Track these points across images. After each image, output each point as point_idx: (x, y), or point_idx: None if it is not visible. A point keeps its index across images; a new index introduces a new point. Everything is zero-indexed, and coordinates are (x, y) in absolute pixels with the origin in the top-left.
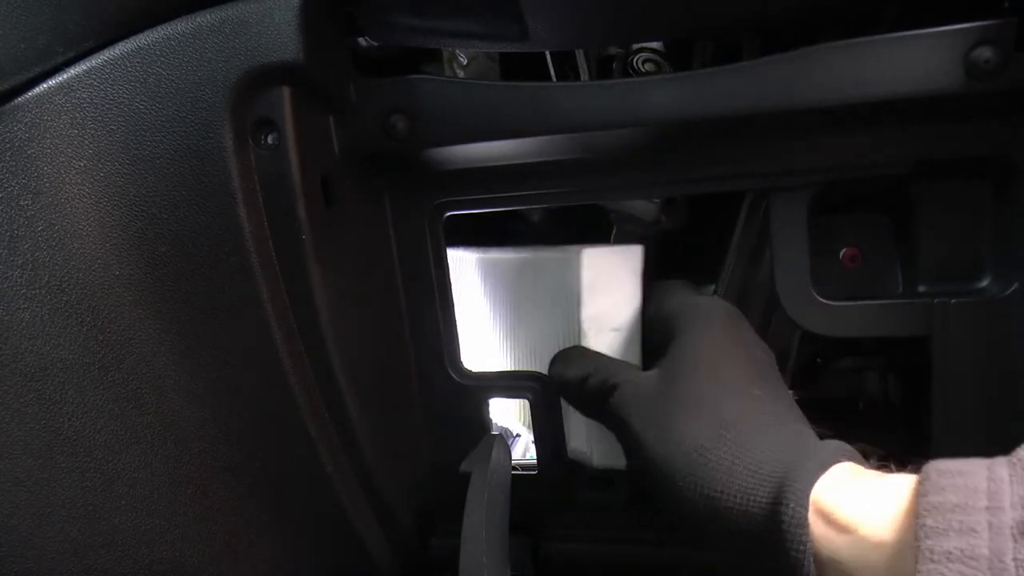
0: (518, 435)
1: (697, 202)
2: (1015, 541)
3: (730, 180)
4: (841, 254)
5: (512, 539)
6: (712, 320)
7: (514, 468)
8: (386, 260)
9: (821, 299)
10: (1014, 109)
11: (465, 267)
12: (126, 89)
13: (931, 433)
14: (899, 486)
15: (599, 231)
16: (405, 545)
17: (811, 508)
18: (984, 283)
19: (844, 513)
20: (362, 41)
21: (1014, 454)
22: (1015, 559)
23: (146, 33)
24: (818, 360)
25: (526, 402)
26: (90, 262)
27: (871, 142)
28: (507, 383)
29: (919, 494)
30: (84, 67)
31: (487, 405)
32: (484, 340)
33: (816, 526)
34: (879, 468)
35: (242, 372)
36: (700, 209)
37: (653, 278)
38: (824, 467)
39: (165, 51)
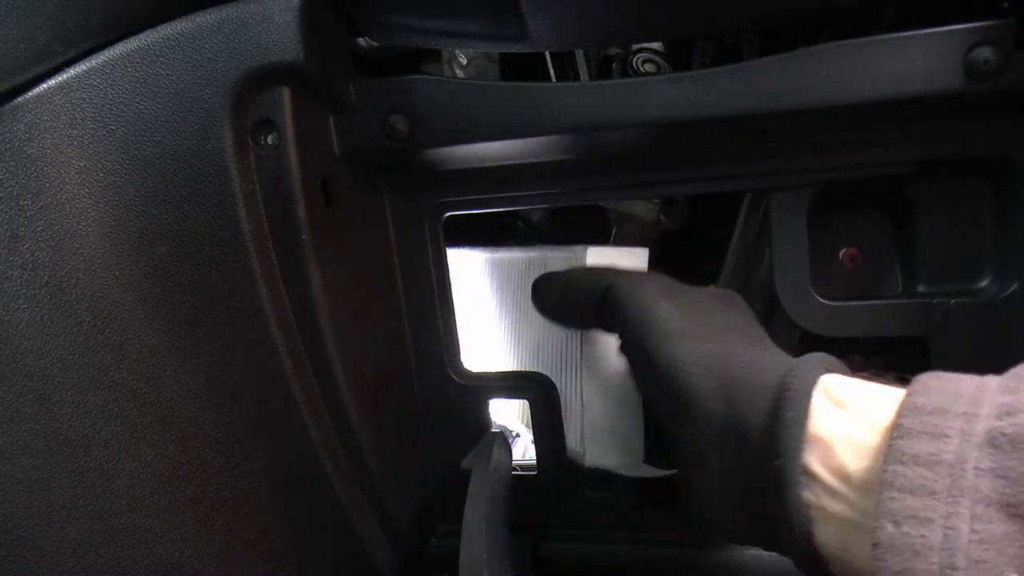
0: (518, 435)
1: (697, 202)
2: (979, 450)
3: (730, 180)
4: (841, 254)
5: (512, 539)
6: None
7: (514, 468)
8: (386, 260)
9: (820, 299)
10: (1014, 109)
11: (469, 266)
12: (126, 89)
13: None
14: (893, 387)
15: (599, 231)
16: (405, 545)
17: (816, 385)
18: (983, 284)
19: (841, 393)
20: (362, 41)
21: (1014, 368)
22: (975, 467)
23: (146, 33)
24: None
25: (525, 401)
26: (90, 262)
27: (871, 142)
28: (507, 383)
29: (908, 394)
30: (84, 67)
31: (487, 406)
32: (486, 338)
33: (816, 399)
34: None
35: (242, 372)
36: (700, 209)
37: None
38: (829, 363)
39: (165, 51)
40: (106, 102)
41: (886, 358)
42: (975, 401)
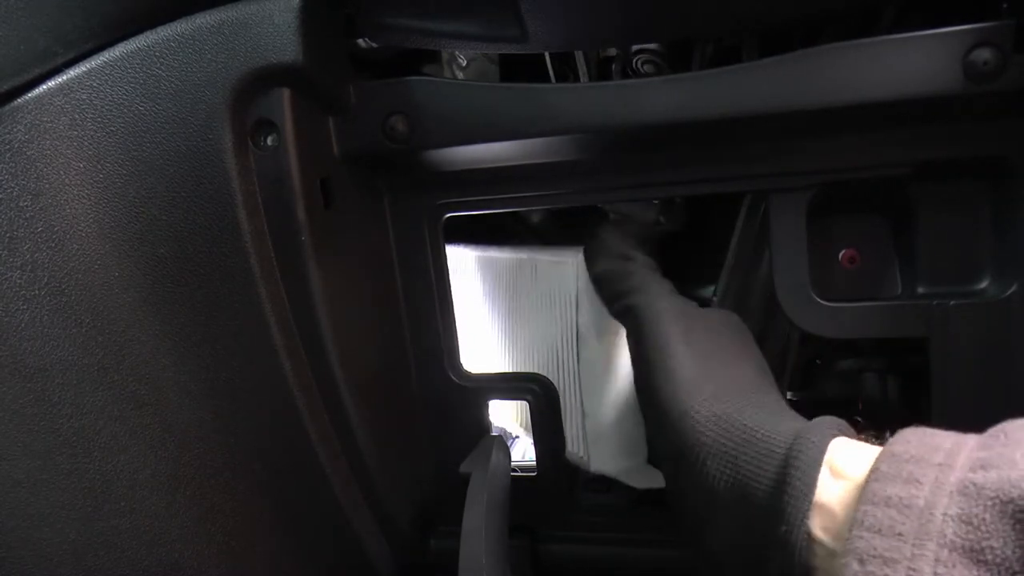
0: (517, 436)
1: (696, 203)
2: (950, 497)
3: (729, 181)
4: (840, 255)
5: (512, 540)
6: (724, 315)
7: (513, 470)
8: (385, 261)
9: (820, 300)
10: (1013, 110)
11: (466, 263)
12: (126, 90)
13: None
14: None
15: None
16: (404, 546)
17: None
18: (983, 285)
19: (840, 463)
20: (361, 43)
21: (993, 427)
22: (944, 513)
23: (146, 34)
24: (817, 361)
25: (525, 404)
26: (90, 263)
27: (870, 144)
28: (506, 384)
29: (888, 443)
30: (84, 68)
31: (486, 406)
32: (482, 337)
33: (822, 469)
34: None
35: (242, 373)
36: (699, 210)
37: None
38: (836, 429)
39: (165, 52)
40: (106, 103)
41: (885, 359)
42: (951, 454)
